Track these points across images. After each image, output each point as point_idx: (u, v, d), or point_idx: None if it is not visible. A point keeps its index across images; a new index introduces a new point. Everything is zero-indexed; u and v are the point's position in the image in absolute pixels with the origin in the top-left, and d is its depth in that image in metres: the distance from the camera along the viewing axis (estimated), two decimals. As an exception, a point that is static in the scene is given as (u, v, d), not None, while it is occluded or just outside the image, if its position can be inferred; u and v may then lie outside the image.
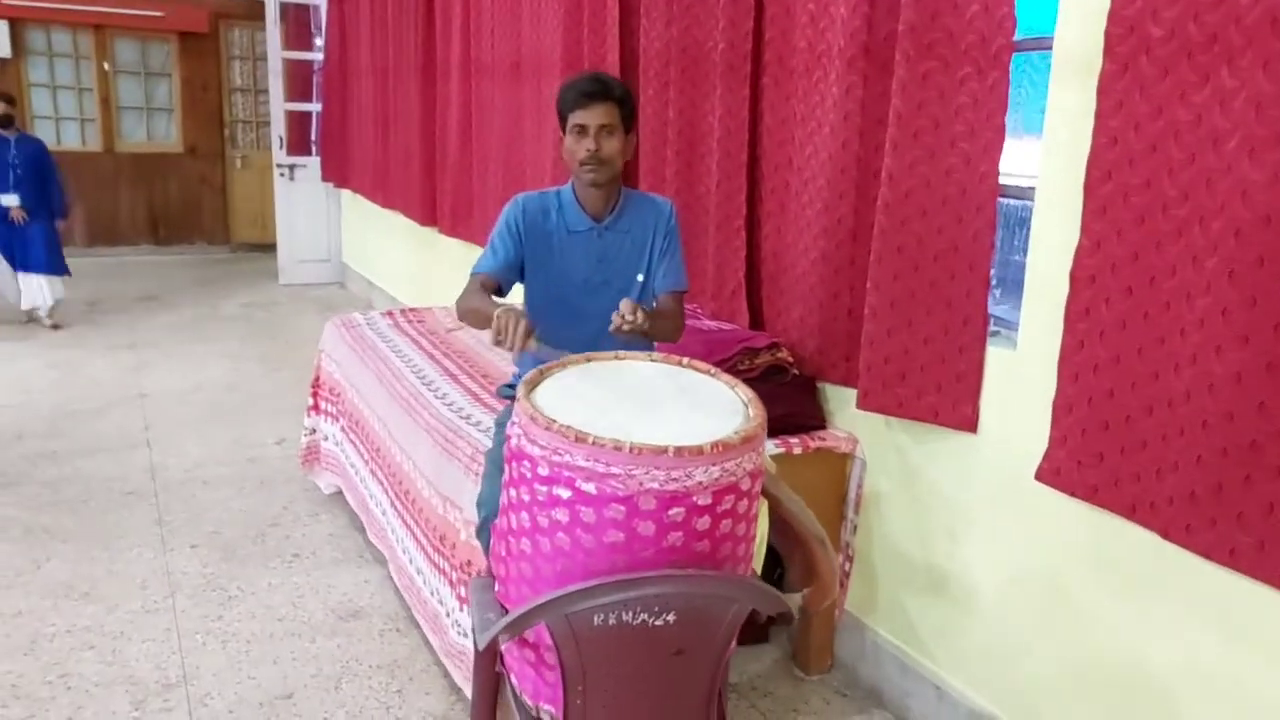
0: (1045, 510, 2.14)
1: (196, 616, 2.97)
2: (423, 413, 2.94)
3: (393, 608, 3.05)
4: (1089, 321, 1.98)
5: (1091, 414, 1.98)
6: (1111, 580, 2.02)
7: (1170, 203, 1.82)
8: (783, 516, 2.04)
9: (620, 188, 2.36)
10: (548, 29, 4.09)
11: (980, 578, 2.37)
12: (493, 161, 4.80)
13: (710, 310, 3.15)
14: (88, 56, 9.06)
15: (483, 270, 2.28)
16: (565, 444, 1.64)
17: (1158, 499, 1.87)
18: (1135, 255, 1.88)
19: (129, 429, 4.60)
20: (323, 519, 3.68)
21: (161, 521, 3.61)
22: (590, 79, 2.24)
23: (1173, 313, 1.83)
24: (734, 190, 3.01)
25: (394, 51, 6.19)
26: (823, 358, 2.73)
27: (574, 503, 1.65)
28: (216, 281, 8.42)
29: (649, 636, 1.68)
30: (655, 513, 1.63)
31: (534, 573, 1.74)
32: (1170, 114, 1.81)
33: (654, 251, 2.35)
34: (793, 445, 2.63)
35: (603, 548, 1.65)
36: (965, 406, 2.33)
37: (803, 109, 2.75)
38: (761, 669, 2.79)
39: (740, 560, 1.78)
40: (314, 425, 3.88)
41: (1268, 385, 1.67)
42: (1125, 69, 1.88)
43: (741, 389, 1.89)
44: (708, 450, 1.62)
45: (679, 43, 3.20)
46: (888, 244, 2.39)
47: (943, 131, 2.27)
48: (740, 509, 1.72)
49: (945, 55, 2.25)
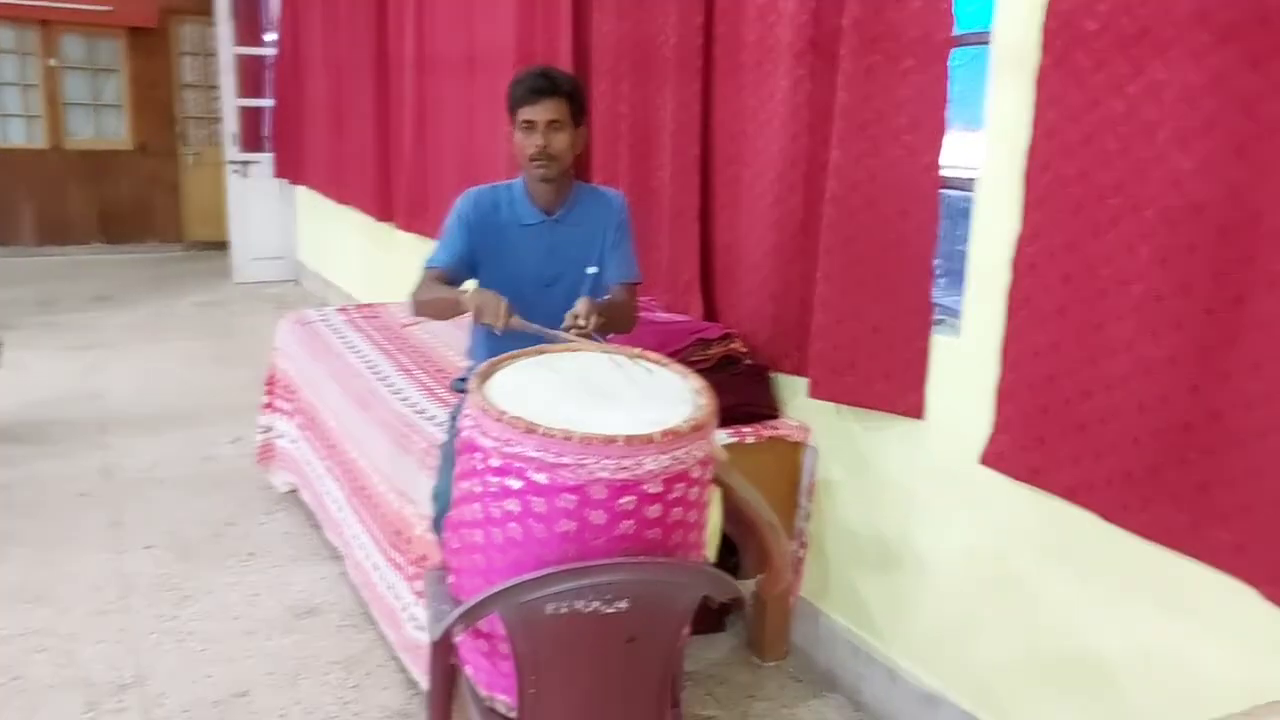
0: (992, 494, 2.19)
1: (151, 617, 2.94)
2: (377, 408, 2.93)
3: (349, 604, 3.05)
4: (1029, 309, 2.02)
5: (1032, 399, 2.03)
6: (1057, 561, 2.07)
7: (1105, 192, 1.87)
8: (735, 504, 2.07)
9: (572, 181, 2.37)
10: (500, 22, 4.09)
11: (930, 561, 2.41)
12: (448, 156, 4.79)
13: (665, 302, 3.17)
14: (33, 52, 8.87)
15: (437, 264, 2.28)
16: (516, 435, 1.65)
17: (1096, 480, 1.92)
18: (1072, 243, 1.93)
19: (83, 430, 4.54)
20: (279, 517, 3.66)
21: (116, 523, 3.57)
22: (538, 74, 2.25)
23: (1109, 299, 1.88)
24: (687, 184, 3.03)
25: (347, 45, 6.14)
26: (775, 348, 2.76)
27: (525, 493, 1.67)
28: (170, 280, 8.30)
29: (602, 624, 1.70)
30: (606, 501, 1.65)
31: (487, 564, 1.75)
32: (1105, 106, 1.86)
33: (605, 244, 2.37)
34: (746, 435, 2.66)
35: (555, 537, 1.67)
36: (912, 394, 2.37)
37: (753, 103, 2.78)
38: (718, 657, 2.82)
39: (692, 547, 1.80)
40: (269, 423, 3.86)
41: (1200, 368, 1.73)
42: (1061, 62, 1.92)
43: (692, 379, 1.91)
44: (658, 439, 1.65)
45: (631, 37, 3.22)
46: (836, 236, 2.42)
47: (887, 124, 2.31)
48: (691, 496, 1.75)
49: (889, 49, 2.29)
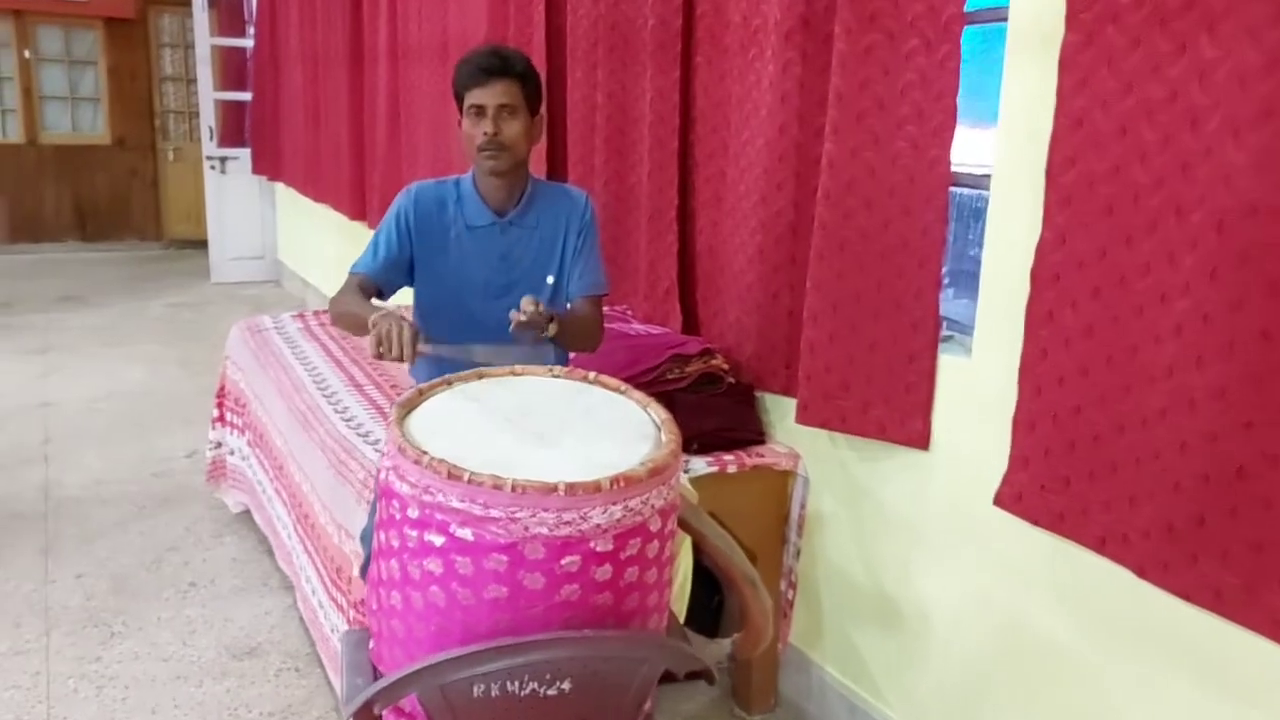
0: (1006, 537, 1.90)
1: (72, 658, 2.66)
2: (318, 428, 2.65)
3: (294, 643, 2.76)
4: (1052, 327, 1.74)
5: (1056, 432, 1.74)
6: (1081, 620, 1.78)
7: (1142, 191, 1.59)
8: (708, 553, 1.78)
9: (528, 177, 2.09)
10: (473, 7, 3.81)
11: (934, 610, 2.13)
12: (422, 152, 4.50)
13: (642, 313, 2.88)
14: (7, 44, 8.59)
15: (361, 269, 2.00)
16: (437, 481, 1.37)
17: (1131, 531, 1.63)
18: (1103, 251, 1.65)
19: (25, 442, 4.25)
20: (227, 541, 3.38)
21: (47, 548, 3.28)
22: (487, 53, 1.96)
23: (1146, 318, 1.60)
24: (666, 181, 2.75)
25: (323, 36, 5.86)
26: (761, 364, 2.48)
27: (448, 551, 1.39)
28: (145, 280, 8.02)
29: (540, 709, 1.41)
30: (545, 563, 1.37)
31: (406, 632, 1.47)
32: (1141, 90, 1.57)
33: (566, 250, 2.08)
34: (728, 463, 2.37)
35: (483, 604, 1.39)
36: (916, 421, 2.09)
37: (738, 90, 2.49)
38: (696, 709, 2.53)
39: (651, 611, 1.52)
40: (219, 438, 3.57)
41: (1254, 401, 1.44)
42: (1090, 40, 1.64)
43: (654, 409, 1.63)
44: (606, 487, 1.36)
45: (607, 19, 2.94)
46: (829, 239, 2.14)
47: (888, 113, 2.03)
48: (650, 553, 1.46)
49: (890, 27, 2.00)
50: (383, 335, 1.71)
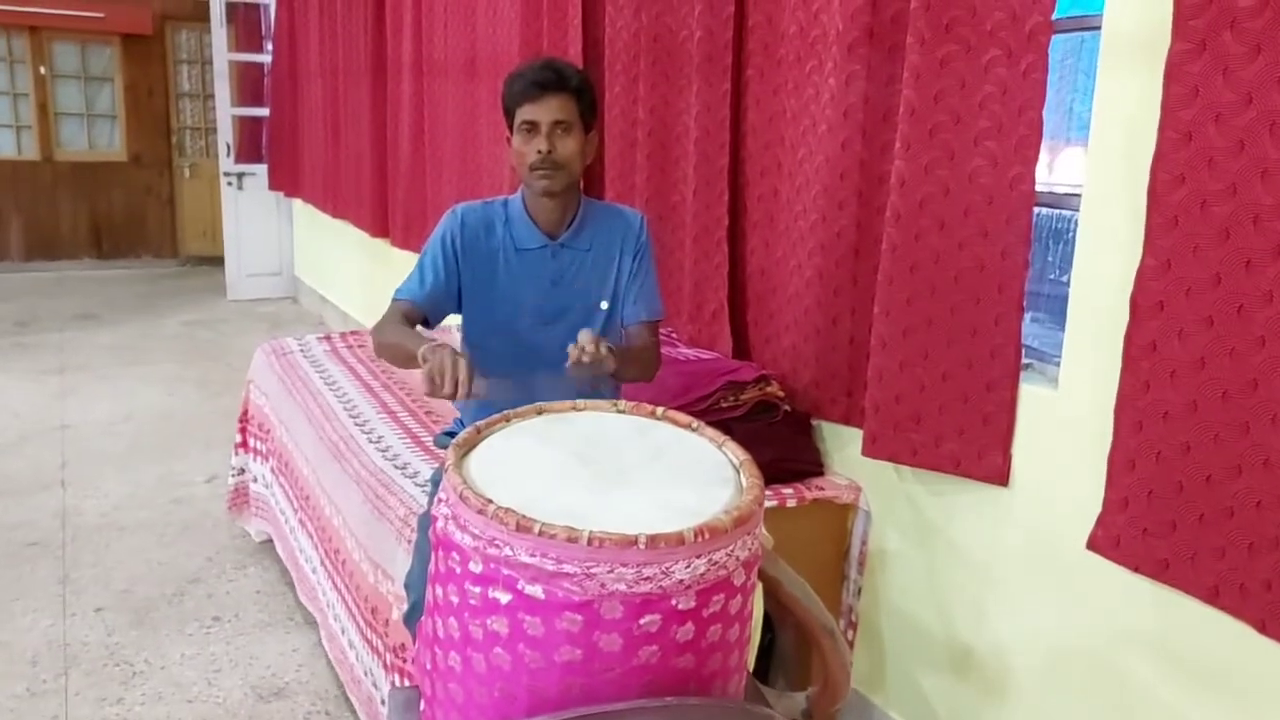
0: (1096, 582, 1.77)
1: (92, 700, 2.54)
2: (352, 460, 2.52)
3: (322, 683, 2.63)
4: (1156, 358, 1.61)
5: (1161, 472, 1.61)
6: (1181, 675, 1.65)
7: (1264, 213, 1.46)
8: (782, 601, 1.65)
9: (580, 197, 1.97)
10: (504, 21, 3.70)
11: (1012, 659, 1.99)
12: (447, 168, 4.39)
13: (688, 335, 2.76)
14: (23, 60, 8.53)
15: (406, 296, 1.87)
16: (504, 534, 1.24)
17: (1250, 581, 1.50)
18: (1217, 278, 1.52)
19: (43, 466, 4.14)
20: (250, 572, 3.25)
21: (66, 579, 3.17)
22: (541, 66, 1.85)
23: (1268, 350, 1.47)
24: (714, 199, 2.63)
25: (344, 51, 5.77)
26: (820, 392, 2.35)
27: (515, 609, 1.26)
28: (161, 297, 7.93)
29: (615, 784, 1.28)
30: (623, 622, 1.24)
31: (465, 697, 1.34)
32: (1263, 101, 1.45)
33: (621, 273, 1.96)
34: (785, 496, 2.24)
35: (554, 669, 1.26)
36: (994, 455, 1.96)
37: (794, 105, 2.37)
38: (751, 757, 2.39)
39: (733, 673, 1.39)
40: (242, 464, 3.45)
41: (1394, 442, 1.32)
42: (1203, 47, 1.51)
43: (731, 448, 1.50)
44: (690, 539, 1.24)
45: (650, 31, 2.82)
46: (899, 262, 2.01)
47: (965, 128, 1.90)
48: (733, 609, 1.33)
49: (967, 37, 1.88)
50: (436, 371, 1.58)
